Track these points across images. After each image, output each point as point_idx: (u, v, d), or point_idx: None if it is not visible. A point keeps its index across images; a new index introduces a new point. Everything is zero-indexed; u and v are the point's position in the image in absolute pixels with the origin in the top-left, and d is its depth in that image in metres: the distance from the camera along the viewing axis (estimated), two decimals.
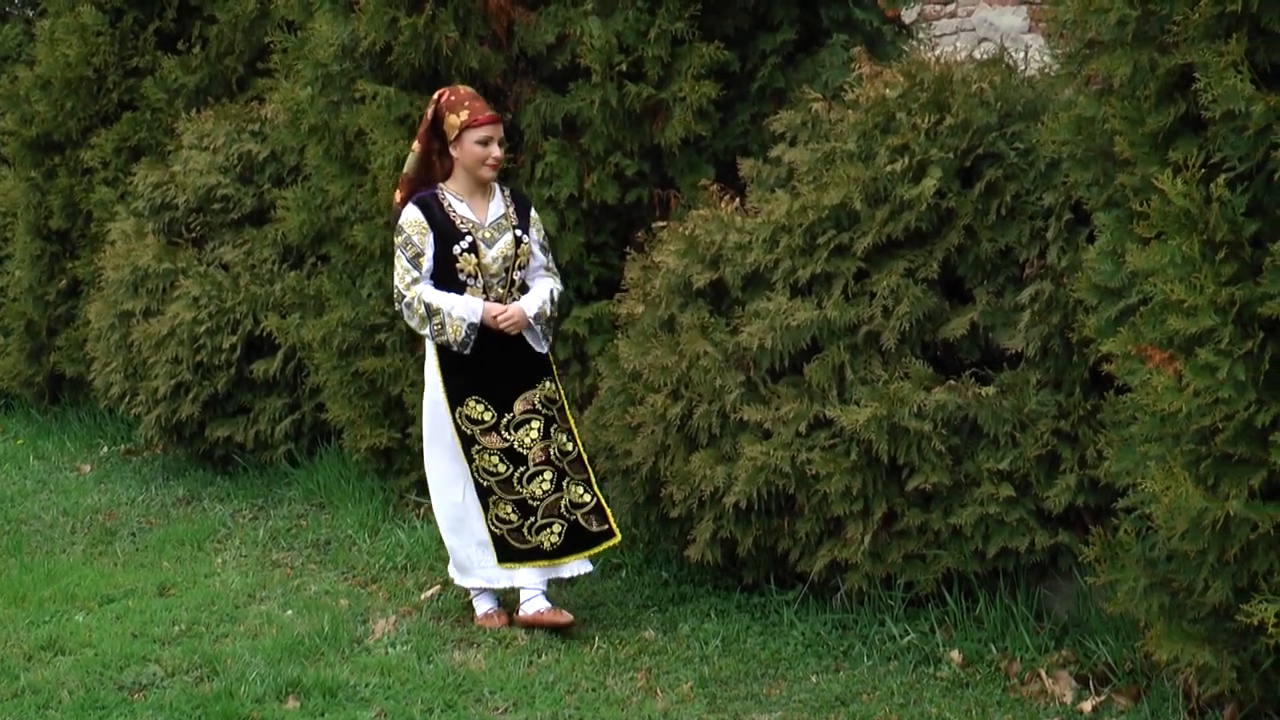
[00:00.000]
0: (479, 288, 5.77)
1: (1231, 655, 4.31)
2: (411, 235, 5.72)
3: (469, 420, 5.78)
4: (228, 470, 8.69)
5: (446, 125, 5.77)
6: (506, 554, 5.79)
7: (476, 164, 5.76)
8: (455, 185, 5.83)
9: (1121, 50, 4.26)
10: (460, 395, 5.78)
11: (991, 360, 5.49)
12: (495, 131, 5.78)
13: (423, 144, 5.84)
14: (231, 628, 6.09)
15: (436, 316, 5.70)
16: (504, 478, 5.77)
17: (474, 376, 5.78)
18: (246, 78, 9.56)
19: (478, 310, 5.71)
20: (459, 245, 5.73)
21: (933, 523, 5.42)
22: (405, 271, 5.73)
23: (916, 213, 5.44)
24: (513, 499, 5.77)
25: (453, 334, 5.69)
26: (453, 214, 5.76)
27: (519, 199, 6.02)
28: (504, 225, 5.84)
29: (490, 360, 5.76)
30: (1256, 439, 3.97)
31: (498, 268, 5.80)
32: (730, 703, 5.14)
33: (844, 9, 7.23)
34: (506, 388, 5.80)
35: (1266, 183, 3.96)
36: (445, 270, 5.74)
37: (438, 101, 5.82)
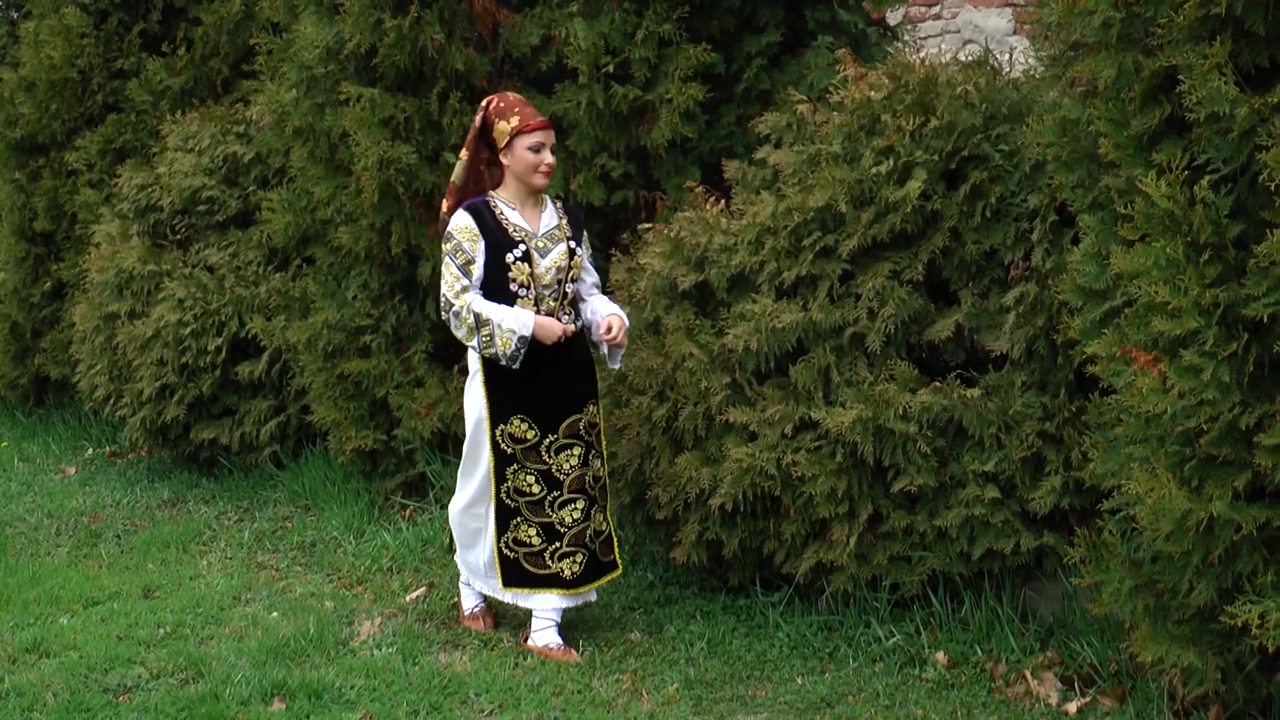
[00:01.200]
0: (530, 299, 5.50)
1: (1216, 656, 4.32)
2: (462, 241, 5.46)
3: (511, 439, 5.54)
4: (213, 472, 8.68)
5: (496, 132, 5.54)
6: (514, 578, 5.63)
7: (529, 171, 5.51)
8: (506, 194, 5.59)
9: (1106, 52, 4.27)
10: (505, 412, 5.54)
11: (976, 362, 5.50)
12: (548, 137, 5.53)
13: (470, 152, 5.60)
14: (217, 630, 6.08)
15: (486, 328, 5.42)
16: (536, 499, 5.56)
17: (521, 394, 5.53)
18: (231, 80, 9.55)
19: (529, 323, 5.42)
20: (512, 254, 5.47)
21: (918, 524, 5.42)
22: (454, 279, 5.46)
23: (901, 215, 5.44)
24: (540, 522, 5.57)
25: (502, 347, 5.41)
26: (505, 221, 5.52)
27: (571, 211, 5.78)
28: (557, 236, 5.59)
29: (539, 378, 5.51)
30: (1240, 440, 3.98)
31: (551, 279, 5.53)
32: (716, 704, 5.14)
33: (829, 11, 7.25)
34: (554, 408, 5.56)
35: (1250, 185, 3.97)
36: (496, 279, 5.48)
37: (486, 108, 5.58)
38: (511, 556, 5.61)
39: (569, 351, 5.56)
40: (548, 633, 5.65)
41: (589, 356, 5.70)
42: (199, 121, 8.95)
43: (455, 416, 7.28)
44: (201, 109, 9.16)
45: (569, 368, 5.58)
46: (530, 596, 5.65)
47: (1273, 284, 3.83)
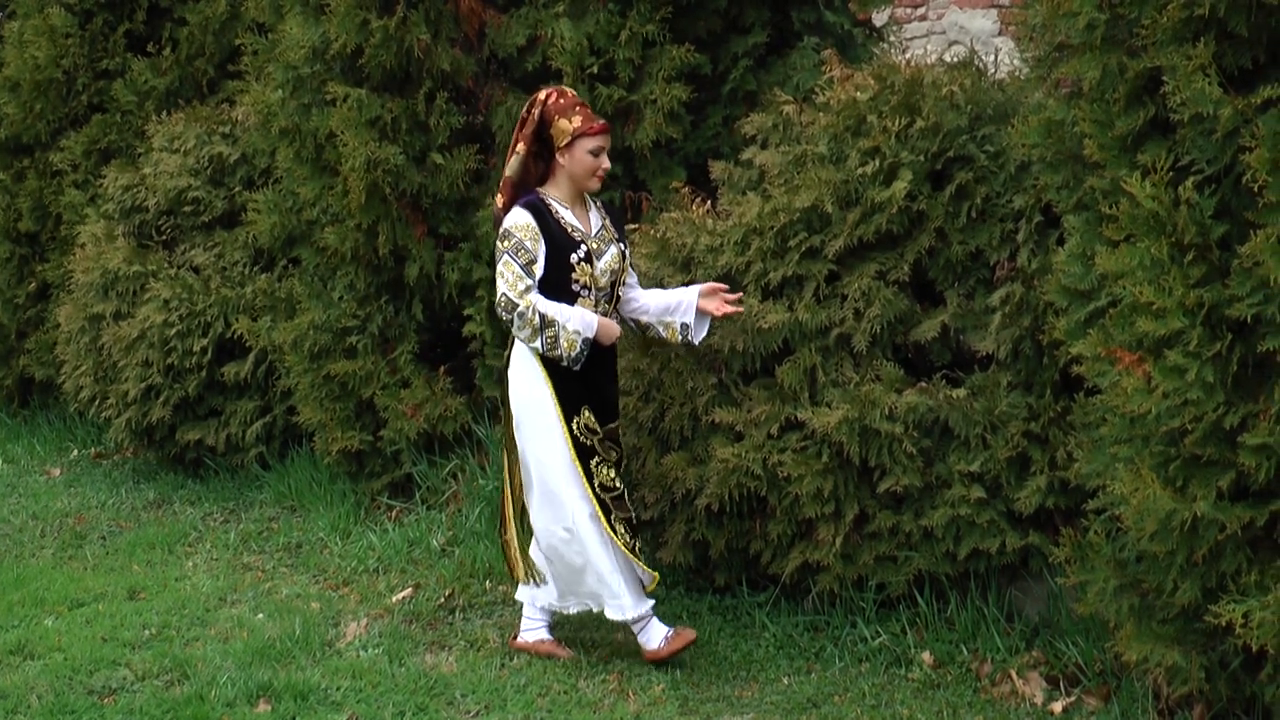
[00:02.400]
0: (591, 300, 5.39)
1: (1200, 655, 4.33)
2: (524, 240, 5.29)
3: (587, 430, 5.41)
4: (198, 473, 8.66)
5: (555, 130, 5.37)
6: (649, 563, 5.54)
7: (586, 174, 5.39)
8: (556, 191, 5.45)
9: (1091, 54, 4.28)
10: (576, 403, 5.39)
11: (962, 362, 5.51)
12: (607, 142, 5.44)
13: (527, 146, 5.43)
14: (202, 631, 6.07)
15: (551, 329, 5.27)
16: (619, 494, 5.45)
17: (585, 385, 5.42)
18: (217, 80, 9.52)
19: (593, 324, 5.32)
20: (575, 254, 5.35)
21: (904, 524, 5.43)
22: (517, 278, 5.28)
23: (887, 215, 5.45)
24: (624, 517, 5.46)
25: (566, 348, 5.28)
26: (562, 221, 5.38)
27: (612, 211, 5.69)
28: (606, 237, 5.48)
29: (591, 380, 5.43)
30: (1225, 440, 3.99)
31: (606, 280, 5.44)
32: (702, 705, 5.14)
33: (815, 12, 7.25)
34: (603, 410, 5.48)
35: (1234, 185, 3.98)
36: (558, 279, 5.34)
37: (544, 103, 5.41)
38: (633, 545, 5.48)
39: (611, 355, 5.54)
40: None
41: (615, 365, 5.65)
42: (184, 122, 8.93)
43: (441, 417, 7.27)
44: (187, 109, 9.14)
45: (611, 372, 5.56)
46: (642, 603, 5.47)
47: (1256, 284, 3.85)
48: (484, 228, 7.03)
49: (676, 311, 5.53)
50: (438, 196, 7.13)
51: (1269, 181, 3.77)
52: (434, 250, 7.23)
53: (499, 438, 7.08)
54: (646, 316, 5.58)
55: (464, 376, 7.47)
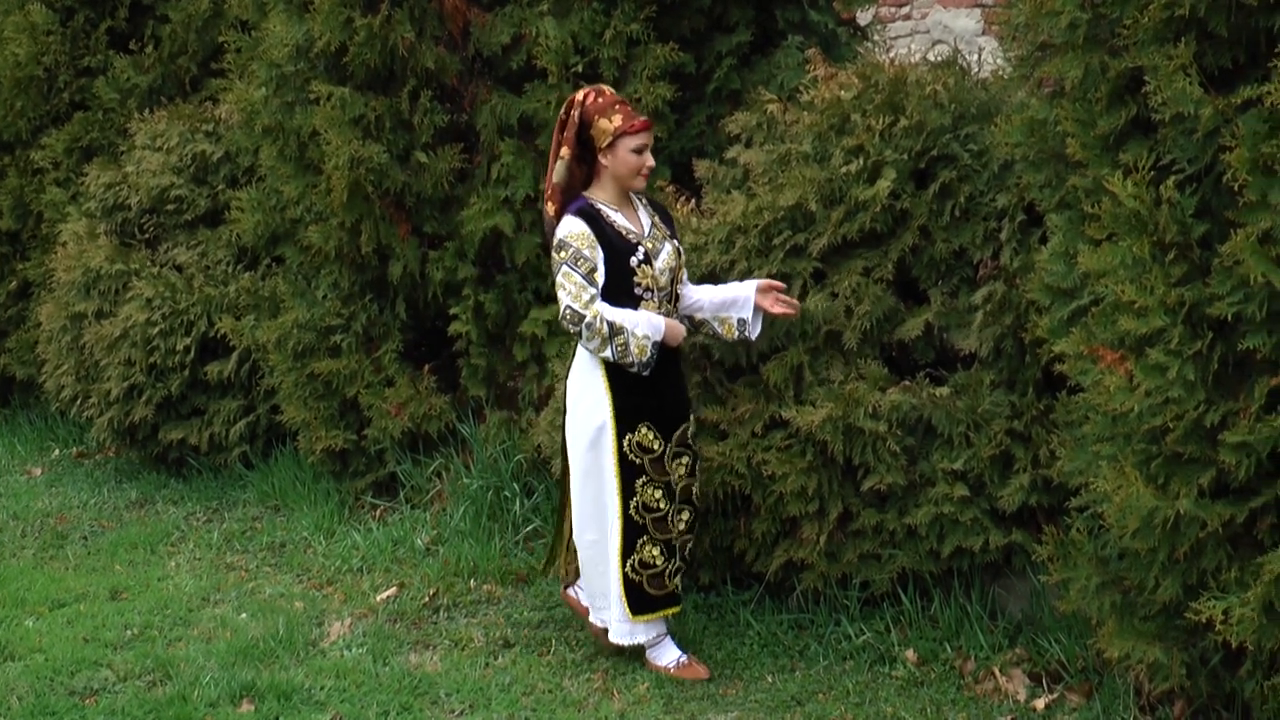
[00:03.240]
0: (654, 302, 5.24)
1: (1181, 652, 4.35)
2: (582, 249, 5.13)
3: (640, 449, 5.24)
4: (181, 473, 8.64)
5: (596, 130, 5.21)
6: (640, 606, 5.33)
7: (631, 174, 5.22)
8: (602, 194, 5.28)
9: (1073, 53, 4.29)
10: (634, 420, 5.23)
11: (946, 361, 5.52)
12: (649, 139, 5.26)
13: (570, 149, 5.26)
14: (185, 631, 6.06)
15: (620, 336, 5.11)
16: (661, 515, 5.28)
17: (647, 400, 5.26)
18: (200, 78, 9.49)
19: (660, 327, 5.17)
20: (635, 257, 5.19)
21: (888, 522, 5.44)
22: (580, 289, 5.11)
23: (871, 214, 5.46)
24: (663, 540, 5.29)
25: (638, 354, 5.13)
26: (616, 224, 5.22)
27: (659, 207, 5.51)
28: (659, 236, 5.32)
29: (660, 383, 5.26)
30: (1205, 438, 4.01)
31: (666, 280, 5.28)
32: (686, 703, 5.15)
33: (799, 11, 7.26)
34: (671, 415, 5.32)
35: (1214, 185, 4.00)
36: (619, 285, 5.17)
37: (583, 104, 5.25)
38: (636, 580, 5.30)
39: (676, 356, 5.39)
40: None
41: (681, 363, 5.51)
42: (167, 120, 8.91)
43: (426, 416, 7.27)
44: (170, 107, 9.11)
45: (675, 373, 5.39)
46: (655, 625, 5.40)
47: (1236, 283, 3.86)
48: (468, 226, 7.03)
49: (734, 307, 5.41)
50: (421, 195, 7.13)
51: (1249, 181, 3.78)
52: (418, 249, 7.22)
53: (483, 436, 7.10)
54: (701, 313, 5.47)
55: (448, 375, 7.47)
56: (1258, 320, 3.86)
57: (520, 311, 7.14)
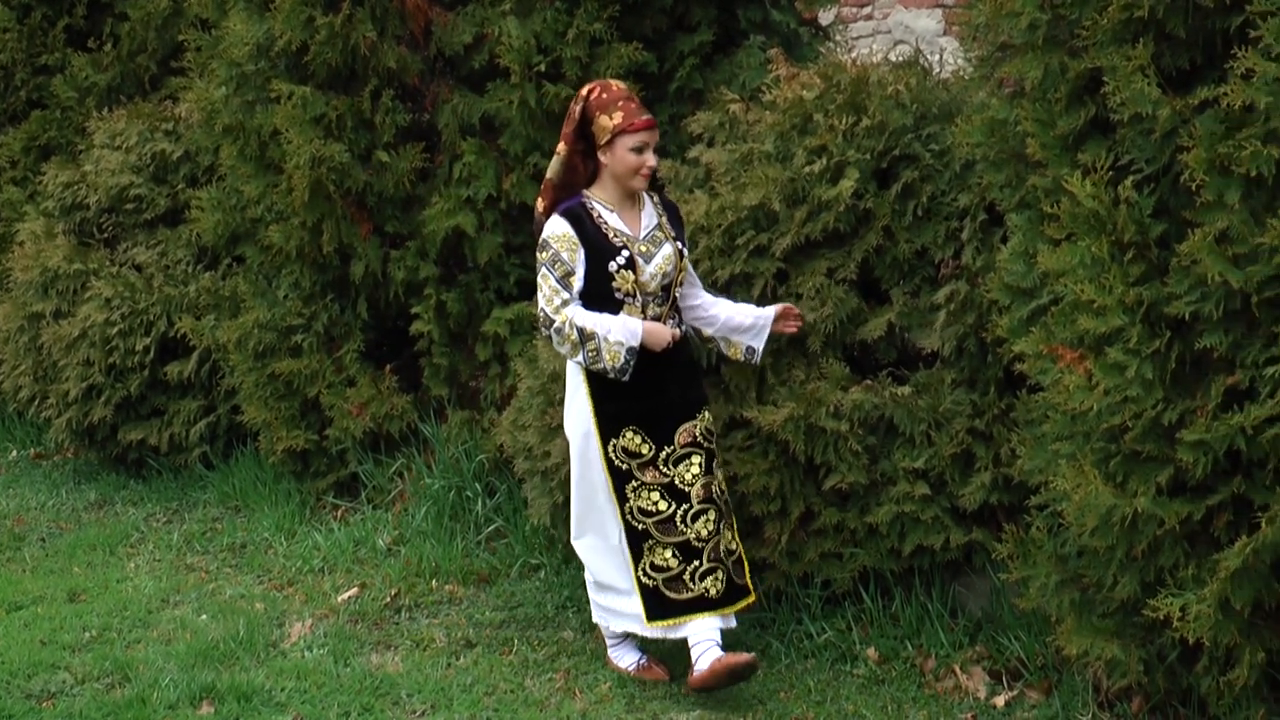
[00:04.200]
0: (637, 307, 5.10)
1: (1139, 648, 4.38)
2: (560, 251, 5.02)
3: (625, 454, 5.11)
4: (141, 474, 8.59)
5: (596, 127, 5.08)
6: (657, 609, 5.13)
7: (629, 173, 5.08)
8: (602, 193, 5.15)
9: (1033, 54, 4.32)
10: (615, 426, 5.11)
11: (908, 360, 5.54)
12: (652, 137, 5.10)
13: (568, 145, 5.13)
14: (144, 633, 6.03)
15: (591, 342, 5.01)
16: (665, 517, 5.11)
17: (631, 404, 5.12)
18: (159, 76, 9.45)
19: (636, 332, 5.03)
20: (615, 261, 5.05)
21: (849, 521, 5.45)
22: (554, 293, 5.03)
23: (834, 214, 5.48)
24: (674, 542, 5.10)
25: (610, 360, 5.01)
26: (604, 226, 5.09)
27: (670, 207, 5.36)
28: (659, 238, 5.17)
29: (650, 386, 5.11)
30: (1163, 436, 4.04)
31: (656, 285, 5.13)
32: (649, 702, 5.15)
33: (761, 11, 7.28)
34: (667, 417, 5.15)
35: (1172, 185, 4.02)
36: (599, 289, 5.07)
37: (586, 99, 5.12)
38: (651, 585, 5.14)
39: (676, 356, 5.19)
40: (712, 651, 5.09)
41: (695, 360, 5.41)
42: (126, 118, 8.86)
43: (387, 416, 7.25)
44: (129, 106, 9.07)
45: (677, 373, 5.22)
46: (679, 627, 5.15)
47: (1194, 282, 3.89)
48: (429, 226, 7.01)
49: (748, 333, 5.34)
50: (383, 195, 7.11)
51: (1206, 181, 3.81)
52: (379, 248, 7.21)
53: (445, 436, 7.09)
54: (710, 329, 5.37)
55: (410, 375, 7.45)
56: (1215, 319, 3.89)
57: (482, 311, 7.13)
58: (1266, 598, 3.97)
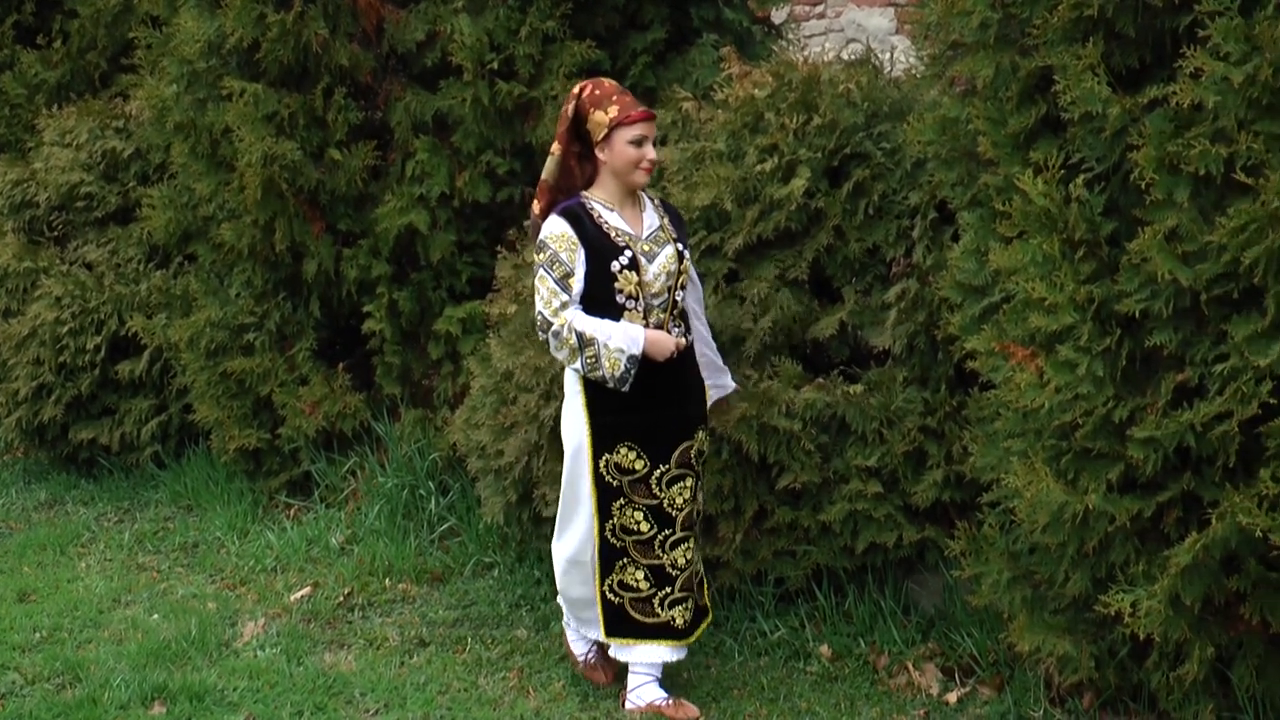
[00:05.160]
0: (639, 311, 4.85)
1: (1090, 645, 4.41)
2: (559, 252, 4.78)
3: (617, 470, 4.88)
4: (92, 473, 8.53)
5: (591, 123, 4.85)
6: (617, 626, 5.00)
7: (629, 168, 4.84)
8: (601, 193, 4.91)
9: (984, 52, 4.34)
10: (610, 440, 4.87)
11: (860, 358, 5.56)
12: (650, 129, 4.86)
13: (563, 145, 4.91)
14: (95, 633, 5.98)
15: (590, 348, 4.76)
16: (645, 539, 4.92)
17: (629, 418, 4.88)
18: (110, 73, 9.39)
19: (638, 339, 4.78)
20: (618, 261, 4.80)
21: (802, 519, 5.47)
22: (552, 295, 4.79)
23: (786, 212, 5.49)
24: (648, 564, 4.94)
25: (609, 368, 4.77)
26: (605, 226, 4.85)
27: (670, 209, 5.11)
28: (662, 238, 4.92)
29: (650, 399, 4.87)
30: (1114, 434, 4.06)
31: (660, 286, 4.87)
32: (602, 700, 5.14)
33: (714, 9, 7.29)
34: (666, 434, 4.92)
35: (1122, 183, 4.05)
36: (600, 291, 4.82)
37: (579, 97, 4.90)
38: (616, 602, 4.99)
39: (681, 368, 4.96)
40: (650, 688, 5.03)
41: (699, 375, 5.10)
42: (76, 116, 8.80)
43: (340, 414, 7.22)
44: (79, 103, 9.00)
45: (681, 387, 4.98)
46: (632, 648, 5.03)
47: (1144, 280, 3.92)
48: (382, 224, 6.99)
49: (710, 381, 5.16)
50: (335, 193, 7.08)
51: (1155, 179, 3.84)
52: (332, 247, 7.18)
53: (398, 435, 7.07)
54: None
55: (363, 373, 7.43)
56: (1164, 317, 3.93)
57: (435, 309, 7.12)
58: (1216, 594, 4.01)
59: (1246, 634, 4.12)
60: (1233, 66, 3.65)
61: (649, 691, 5.02)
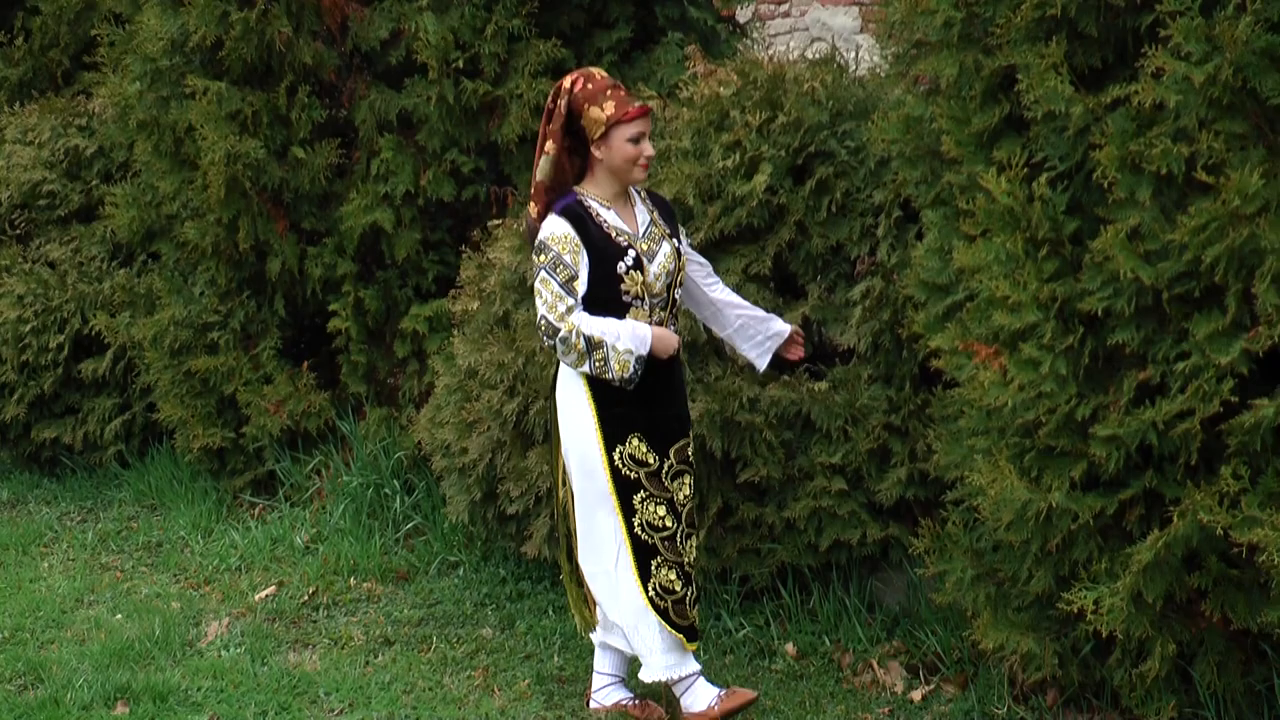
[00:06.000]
0: (645, 310, 4.69)
1: (1053, 642, 4.43)
2: (562, 255, 4.60)
3: (633, 461, 4.70)
4: (55, 472, 8.48)
5: (587, 120, 4.64)
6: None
7: (628, 165, 4.66)
8: (595, 190, 4.73)
9: (948, 51, 4.35)
10: (621, 431, 4.69)
11: (824, 356, 5.57)
12: (647, 125, 4.69)
13: (557, 144, 4.69)
14: (58, 633, 5.95)
15: (599, 351, 4.59)
16: (670, 534, 4.73)
17: (635, 411, 4.71)
18: (72, 71, 9.34)
19: (646, 339, 4.63)
20: (623, 262, 4.64)
21: (767, 516, 5.47)
22: (557, 299, 4.60)
23: (748, 209, 5.50)
24: (675, 562, 4.74)
25: (618, 370, 4.60)
26: (605, 226, 4.68)
27: (659, 201, 4.94)
28: (656, 234, 4.76)
29: (651, 397, 4.73)
30: (1077, 431, 4.08)
31: (661, 285, 4.72)
32: (568, 699, 5.14)
33: (679, 8, 7.30)
34: (665, 430, 4.77)
35: (1085, 182, 4.07)
36: (605, 292, 4.65)
37: (570, 92, 4.69)
38: (662, 606, 4.73)
39: (672, 369, 4.82)
40: (614, 689, 4.99)
41: (683, 374, 4.98)
42: (39, 113, 8.76)
43: (305, 413, 7.20)
44: (41, 101, 8.95)
45: (672, 387, 4.83)
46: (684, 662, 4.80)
47: (1106, 279, 3.94)
48: (347, 222, 6.97)
49: (753, 346, 5.01)
50: (299, 191, 7.06)
51: (1118, 178, 3.86)
52: (296, 245, 7.15)
53: (363, 434, 7.05)
54: (721, 331, 5.08)
55: (327, 372, 7.40)
56: (1126, 315, 3.94)
57: (400, 308, 7.10)
58: (1177, 591, 4.03)
59: (1208, 630, 4.14)
60: (1193, 66, 3.67)
61: (614, 693, 4.99)
